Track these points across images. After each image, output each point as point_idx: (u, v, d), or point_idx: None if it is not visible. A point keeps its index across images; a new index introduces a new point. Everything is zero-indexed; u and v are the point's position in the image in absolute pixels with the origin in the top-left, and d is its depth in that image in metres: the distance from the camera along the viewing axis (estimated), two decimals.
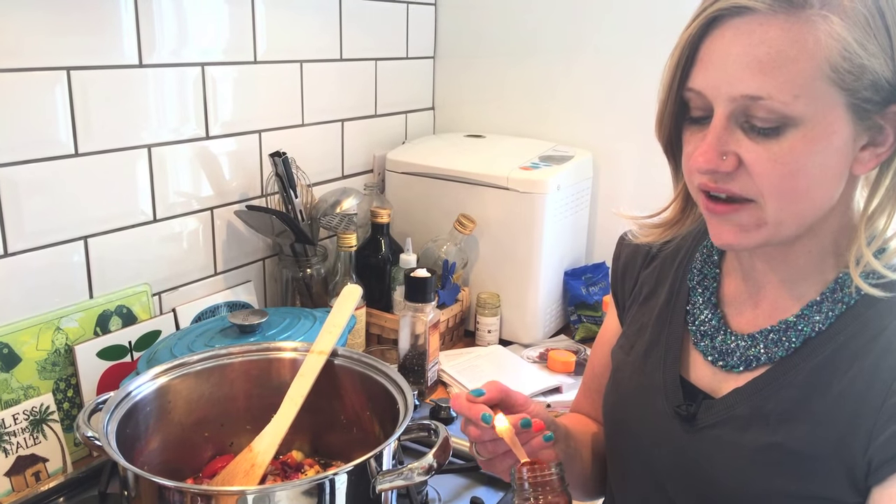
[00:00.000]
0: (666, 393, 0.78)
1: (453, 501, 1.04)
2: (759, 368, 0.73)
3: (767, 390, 0.71)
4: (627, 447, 0.83)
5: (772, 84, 0.61)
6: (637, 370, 0.83)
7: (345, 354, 0.98)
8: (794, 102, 0.61)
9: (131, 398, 0.88)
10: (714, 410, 0.74)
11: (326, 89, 1.56)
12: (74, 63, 1.09)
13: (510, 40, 1.76)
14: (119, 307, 1.20)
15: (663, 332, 0.82)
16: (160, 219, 1.26)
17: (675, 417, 0.76)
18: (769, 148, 0.63)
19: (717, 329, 0.77)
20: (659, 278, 0.86)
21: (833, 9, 0.60)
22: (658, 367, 0.80)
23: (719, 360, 0.76)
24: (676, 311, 0.82)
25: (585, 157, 1.64)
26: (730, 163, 0.65)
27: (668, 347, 0.80)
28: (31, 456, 1.06)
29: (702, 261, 0.82)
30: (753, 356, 0.73)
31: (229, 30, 1.33)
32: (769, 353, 0.72)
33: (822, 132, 0.62)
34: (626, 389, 0.84)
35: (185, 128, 1.28)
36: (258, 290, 1.47)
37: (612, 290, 0.94)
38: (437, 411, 1.24)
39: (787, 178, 0.63)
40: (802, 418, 0.68)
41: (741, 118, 0.64)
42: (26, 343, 1.08)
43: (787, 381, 0.70)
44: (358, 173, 1.70)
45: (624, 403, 0.84)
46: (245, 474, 0.88)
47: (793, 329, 0.71)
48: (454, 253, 1.54)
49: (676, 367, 0.79)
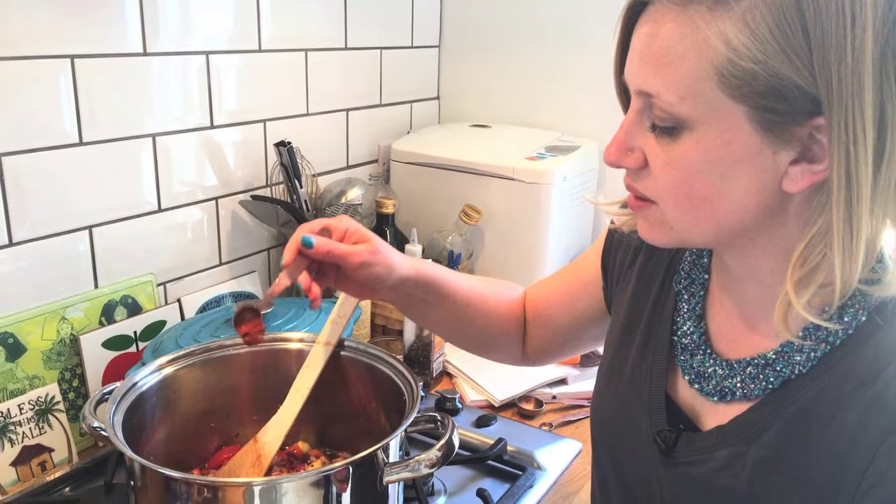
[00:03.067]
0: (650, 413, 0.72)
1: (459, 493, 1.04)
2: (734, 403, 0.66)
3: (748, 435, 0.64)
4: (611, 459, 0.79)
5: (660, 82, 0.57)
6: (625, 381, 0.76)
7: (350, 345, 0.97)
8: (679, 104, 0.56)
9: (137, 388, 0.88)
10: (693, 447, 0.68)
11: (331, 78, 1.55)
12: (78, 51, 1.08)
13: (515, 29, 1.75)
14: (124, 297, 1.20)
15: (651, 338, 0.75)
16: (165, 209, 1.26)
17: (653, 445, 0.70)
18: (666, 149, 0.59)
19: (696, 346, 0.70)
20: (651, 273, 0.78)
21: (729, 4, 0.53)
22: (645, 380, 0.74)
23: (695, 383, 0.69)
24: (664, 316, 0.74)
25: (591, 146, 1.63)
26: (634, 159, 0.62)
27: (655, 359, 0.73)
28: (36, 446, 1.06)
29: (690, 262, 0.75)
30: (729, 388, 0.66)
31: (234, 18, 1.32)
32: (745, 389, 0.65)
33: (715, 140, 0.56)
34: (616, 401, 0.77)
35: (189, 117, 1.27)
36: (263, 281, 1.47)
37: (602, 265, 0.85)
38: (443, 402, 1.24)
39: (681, 184, 0.59)
40: (781, 471, 0.62)
41: (650, 114, 0.60)
42: (31, 333, 1.08)
43: (767, 426, 0.63)
44: (363, 163, 1.69)
45: (611, 415, 0.78)
46: (251, 465, 0.88)
47: (771, 368, 0.64)
48: (459, 244, 1.54)
49: (663, 384, 0.72)
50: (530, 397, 1.30)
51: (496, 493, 1.02)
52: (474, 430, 1.19)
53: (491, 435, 1.16)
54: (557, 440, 1.18)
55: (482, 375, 1.35)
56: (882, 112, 0.53)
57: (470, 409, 1.27)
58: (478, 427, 1.20)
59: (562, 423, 1.24)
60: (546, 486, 1.07)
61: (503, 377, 1.35)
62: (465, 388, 1.33)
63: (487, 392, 1.30)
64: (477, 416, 1.23)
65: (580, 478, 1.10)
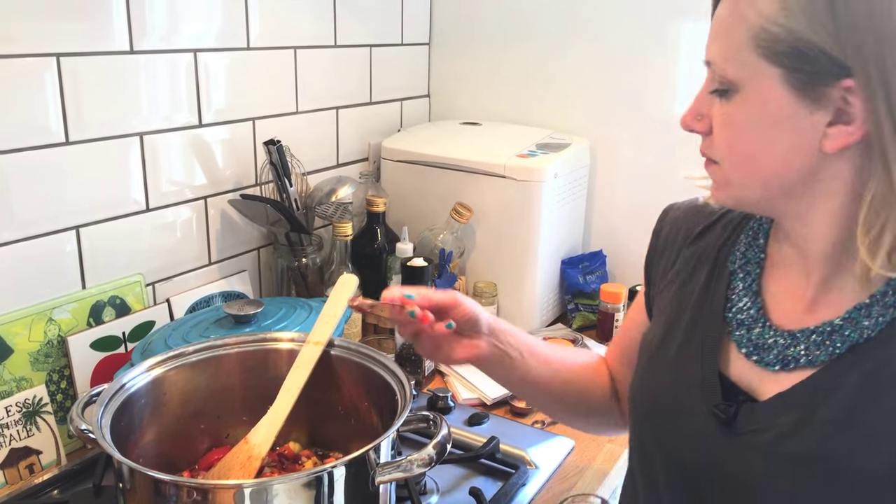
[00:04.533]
0: (703, 390, 0.74)
1: (451, 492, 1.04)
2: (797, 370, 0.68)
3: (816, 398, 0.66)
4: (657, 442, 0.79)
5: (715, 50, 0.66)
6: (670, 362, 0.78)
7: (341, 345, 0.97)
8: (724, 66, 0.65)
9: (125, 390, 0.87)
10: (756, 416, 0.69)
11: (321, 76, 1.54)
12: (64, 49, 1.07)
13: (506, 26, 1.74)
14: (112, 297, 1.19)
15: (700, 319, 0.77)
16: (153, 208, 1.25)
17: (712, 418, 0.72)
18: (722, 111, 0.67)
19: (755, 320, 0.73)
20: (700, 260, 0.81)
21: None
22: (695, 359, 0.76)
23: (754, 354, 0.72)
24: (716, 296, 0.77)
25: (582, 144, 1.63)
26: (703, 124, 0.69)
27: (706, 337, 0.76)
28: (24, 448, 1.05)
29: (746, 244, 0.78)
30: (792, 356, 0.69)
31: (222, 15, 1.31)
32: (810, 356, 0.68)
33: (756, 100, 0.64)
34: (659, 383, 0.79)
35: (177, 115, 1.26)
36: (253, 280, 1.46)
37: (646, 268, 0.90)
38: (435, 401, 1.24)
39: (731, 142, 0.67)
40: (852, 430, 0.64)
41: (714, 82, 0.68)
42: (18, 334, 1.07)
43: (835, 388, 0.65)
44: (353, 161, 1.68)
45: (654, 398, 0.80)
46: (241, 466, 0.87)
47: (838, 333, 0.67)
48: (451, 242, 1.53)
49: (715, 361, 0.74)
50: None
51: (489, 492, 1.02)
52: (466, 429, 1.19)
53: (483, 433, 1.16)
54: (550, 438, 1.18)
55: (474, 374, 1.35)
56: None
57: (462, 407, 1.26)
58: (470, 425, 1.20)
59: (554, 421, 1.24)
60: (539, 484, 1.06)
61: None
62: (457, 386, 1.33)
63: (479, 390, 1.30)
64: (469, 414, 1.23)
65: (573, 475, 1.10)
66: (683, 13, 1.51)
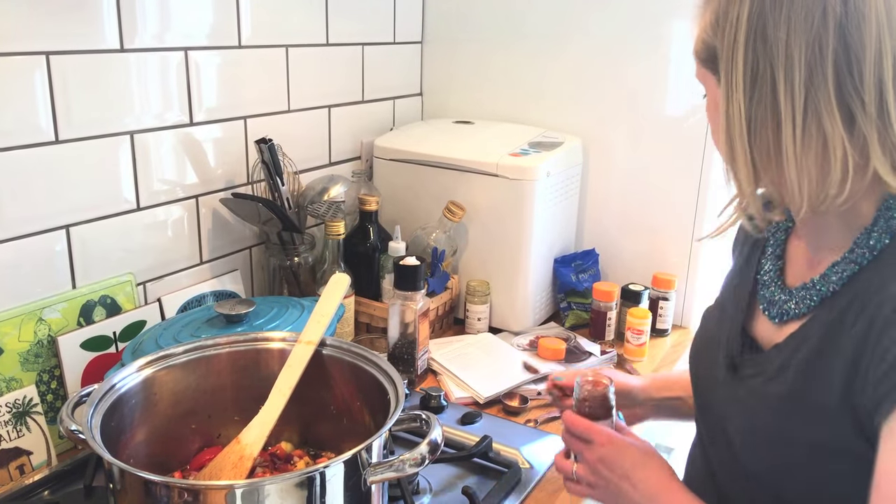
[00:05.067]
0: (726, 345, 0.86)
1: (444, 491, 1.04)
2: (791, 323, 0.79)
3: (793, 345, 0.76)
4: (697, 391, 0.93)
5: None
6: (711, 322, 0.92)
7: (333, 344, 0.96)
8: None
9: (116, 390, 0.87)
10: (753, 363, 0.81)
11: (313, 75, 1.53)
12: (54, 48, 1.07)
13: (499, 25, 1.74)
14: (103, 297, 1.18)
15: (740, 283, 0.89)
16: (144, 207, 1.24)
17: (725, 368, 0.84)
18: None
19: (772, 279, 0.84)
20: (748, 233, 0.90)
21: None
22: (727, 318, 0.88)
23: (767, 310, 0.83)
24: (751, 263, 0.89)
25: (575, 143, 1.63)
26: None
27: (738, 299, 0.87)
28: (14, 449, 1.04)
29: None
30: (786, 310, 0.79)
31: (213, 14, 1.30)
32: (798, 309, 0.78)
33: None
34: (699, 340, 0.94)
35: (168, 114, 1.25)
36: (245, 279, 1.46)
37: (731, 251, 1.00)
38: (428, 400, 1.24)
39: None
40: (816, 372, 0.73)
41: None
42: (8, 334, 1.06)
43: (808, 337, 0.75)
44: (345, 160, 1.68)
45: (695, 352, 0.94)
46: (233, 466, 0.87)
47: (815, 288, 0.76)
48: (443, 240, 1.53)
49: (739, 320, 0.86)
50: (515, 394, 1.30)
51: (482, 491, 1.02)
52: (459, 428, 1.19)
53: (476, 432, 1.16)
54: (542, 436, 1.18)
55: (467, 373, 1.35)
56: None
57: (455, 406, 1.26)
58: (463, 424, 1.20)
59: (547, 420, 1.24)
60: (532, 483, 1.06)
61: (488, 374, 1.34)
62: (449, 385, 1.33)
63: (472, 389, 1.30)
64: (462, 413, 1.23)
65: None
66: (676, 12, 1.52)
